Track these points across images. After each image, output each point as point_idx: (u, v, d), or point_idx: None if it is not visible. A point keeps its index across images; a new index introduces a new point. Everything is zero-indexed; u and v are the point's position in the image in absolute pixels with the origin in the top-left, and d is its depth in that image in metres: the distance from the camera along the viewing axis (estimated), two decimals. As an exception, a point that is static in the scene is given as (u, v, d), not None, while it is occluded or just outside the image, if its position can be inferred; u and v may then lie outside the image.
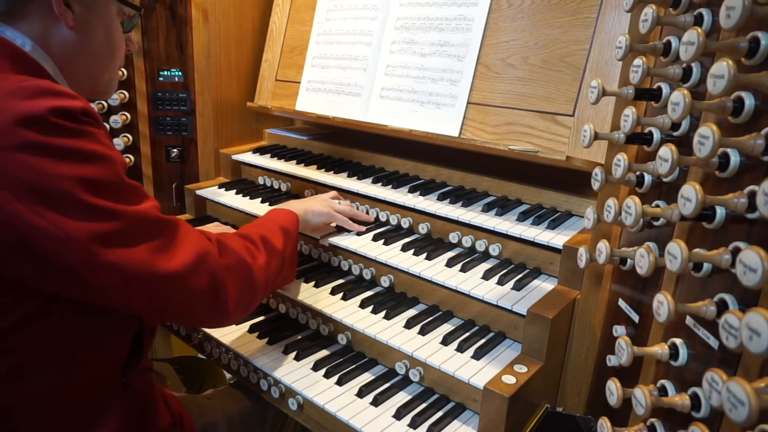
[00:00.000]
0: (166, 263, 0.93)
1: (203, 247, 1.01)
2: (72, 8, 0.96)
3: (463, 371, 1.20)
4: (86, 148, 0.84)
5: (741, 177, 0.74)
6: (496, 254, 1.48)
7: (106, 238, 0.85)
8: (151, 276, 0.90)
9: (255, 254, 1.18)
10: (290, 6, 2.17)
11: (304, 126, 2.45)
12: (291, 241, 1.35)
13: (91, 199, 0.83)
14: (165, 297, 0.95)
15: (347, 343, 1.46)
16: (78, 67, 1.02)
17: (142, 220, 0.91)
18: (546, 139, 1.45)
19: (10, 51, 0.91)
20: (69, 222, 0.81)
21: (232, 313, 1.08)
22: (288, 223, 1.38)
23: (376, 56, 1.85)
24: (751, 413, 0.56)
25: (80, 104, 0.85)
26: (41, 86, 0.82)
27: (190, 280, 0.97)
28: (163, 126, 2.20)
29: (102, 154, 0.86)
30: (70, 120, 0.83)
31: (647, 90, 0.98)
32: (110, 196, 0.86)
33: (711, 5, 0.84)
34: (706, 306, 0.74)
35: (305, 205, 1.53)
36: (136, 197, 0.92)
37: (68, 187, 0.81)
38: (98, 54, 1.04)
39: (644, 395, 0.78)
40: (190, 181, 2.22)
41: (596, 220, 1.06)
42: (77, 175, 0.82)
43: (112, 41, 1.06)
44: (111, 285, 0.87)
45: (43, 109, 0.79)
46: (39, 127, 0.79)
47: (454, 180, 1.73)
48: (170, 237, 0.96)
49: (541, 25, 1.48)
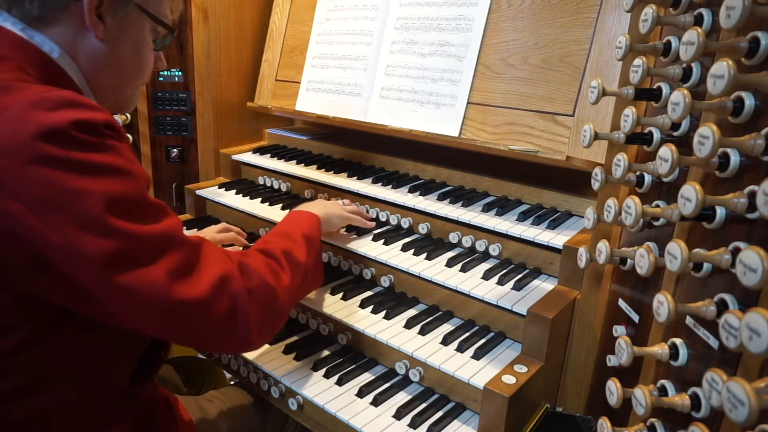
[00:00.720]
0: (185, 289, 0.88)
1: (225, 269, 0.96)
2: (104, 20, 0.94)
3: (463, 371, 1.20)
4: (106, 162, 0.81)
5: (741, 177, 0.74)
6: (496, 254, 1.48)
7: (122, 260, 0.81)
8: (168, 302, 0.86)
9: (279, 274, 1.11)
10: (290, 6, 2.17)
11: (304, 126, 2.45)
12: (314, 249, 1.29)
13: (108, 218, 0.79)
14: (183, 324, 0.90)
15: (347, 343, 1.46)
16: (103, 79, 1.00)
17: (162, 241, 0.87)
18: (546, 139, 1.45)
19: (37, 57, 0.90)
20: (84, 240, 0.78)
21: (255, 339, 1.02)
22: (311, 228, 1.33)
23: (376, 56, 1.85)
24: (751, 413, 0.56)
25: (103, 116, 0.83)
26: (64, 97, 0.80)
27: (210, 306, 0.91)
28: (163, 126, 2.20)
29: (123, 169, 0.83)
30: (91, 133, 0.80)
31: (647, 90, 0.98)
32: (129, 215, 0.82)
33: (711, 5, 0.84)
34: (706, 306, 0.74)
35: (324, 207, 1.47)
36: (157, 215, 0.88)
37: (86, 203, 0.78)
38: (125, 68, 1.02)
39: (644, 395, 0.78)
40: (190, 181, 2.22)
41: (596, 220, 1.06)
42: (95, 190, 0.79)
43: (141, 57, 1.04)
44: (126, 308, 0.84)
45: (64, 122, 0.77)
46: (59, 140, 0.77)
47: (454, 180, 1.73)
48: (191, 259, 0.91)
49: (541, 25, 1.48)
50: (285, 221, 1.36)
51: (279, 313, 1.09)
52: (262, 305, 1.02)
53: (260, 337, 1.03)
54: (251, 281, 1.01)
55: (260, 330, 1.02)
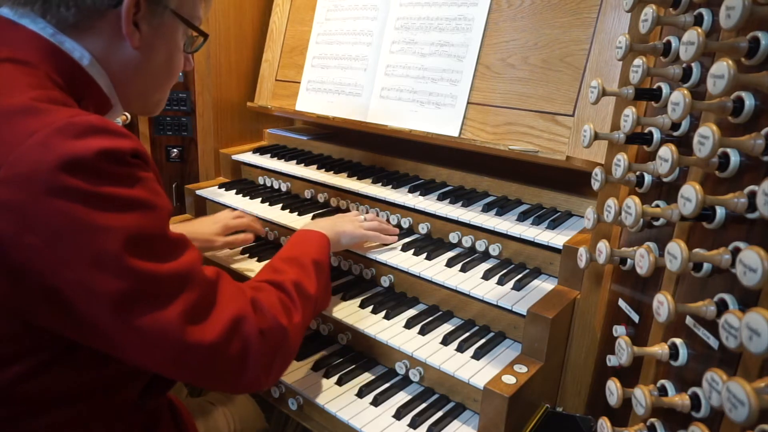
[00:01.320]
0: (199, 332, 0.85)
1: (239, 310, 0.92)
2: (139, 28, 0.92)
3: (463, 371, 1.20)
4: (130, 196, 0.78)
5: (741, 177, 0.74)
6: (496, 254, 1.48)
7: (136, 300, 0.78)
8: (180, 344, 0.83)
9: (291, 312, 1.07)
10: (290, 6, 2.17)
11: (304, 126, 2.45)
12: (323, 276, 1.26)
13: (126, 257, 0.77)
14: (192, 365, 0.87)
15: (347, 342, 1.46)
16: (133, 86, 0.99)
17: (179, 280, 0.84)
18: (546, 139, 1.45)
19: (65, 64, 0.87)
20: (99, 279, 0.75)
21: (264, 380, 0.99)
22: (320, 252, 1.29)
23: (376, 56, 1.85)
24: (751, 413, 0.56)
25: (130, 144, 0.80)
26: (92, 124, 0.77)
27: (222, 350, 0.88)
28: (163, 126, 2.20)
29: (146, 203, 0.80)
30: (118, 164, 0.78)
31: (647, 90, 0.98)
32: (147, 254, 0.80)
33: (711, 5, 0.84)
34: (706, 306, 0.74)
35: (335, 225, 1.44)
36: (175, 252, 0.85)
37: (104, 240, 0.75)
38: (156, 75, 1.01)
39: (644, 395, 0.78)
40: (190, 181, 2.22)
41: (596, 220, 1.06)
42: (116, 226, 0.76)
43: (172, 62, 1.02)
44: (136, 347, 0.82)
45: (90, 152, 0.74)
46: (84, 172, 0.74)
47: (454, 180, 1.73)
48: (206, 298, 0.88)
49: (541, 25, 1.48)
50: (294, 242, 1.32)
51: (289, 352, 1.05)
52: (274, 346, 0.99)
53: (269, 377, 1.00)
54: (265, 321, 0.98)
55: (269, 371, 0.99)
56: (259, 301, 1.00)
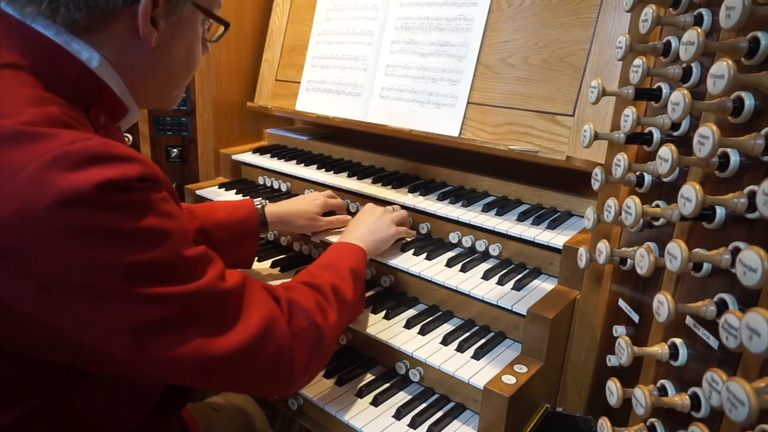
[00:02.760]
0: (225, 342, 0.80)
1: (269, 315, 0.88)
2: (157, 26, 0.85)
3: (463, 371, 1.20)
4: (138, 227, 0.71)
5: (741, 177, 0.74)
6: (496, 254, 1.48)
7: (154, 328, 0.73)
8: (208, 359, 0.79)
9: (327, 312, 1.04)
10: (290, 6, 2.17)
11: (304, 126, 2.45)
12: (360, 284, 1.24)
13: (136, 290, 0.71)
14: (223, 375, 0.84)
15: (347, 342, 1.45)
16: (149, 85, 0.93)
17: (200, 297, 0.79)
18: (546, 139, 1.45)
19: (71, 67, 0.81)
20: (108, 315, 0.70)
21: (300, 381, 0.96)
22: (357, 263, 1.26)
23: (376, 56, 1.85)
24: (751, 413, 0.56)
25: (137, 170, 0.72)
26: (91, 151, 0.69)
27: (253, 356, 0.85)
28: (163, 126, 2.20)
29: (157, 230, 0.74)
30: (124, 192, 0.70)
31: (647, 90, 0.98)
32: (162, 280, 0.74)
33: (711, 5, 0.84)
34: (706, 306, 0.74)
35: (371, 233, 1.40)
36: (195, 271, 0.79)
37: (110, 278, 0.69)
38: (174, 72, 0.95)
39: (644, 395, 0.78)
40: (190, 181, 2.22)
41: (596, 220, 1.06)
42: (123, 262, 0.69)
43: (192, 56, 0.96)
44: (157, 372, 0.78)
45: (90, 185, 0.66)
46: (84, 207, 0.66)
47: (454, 180, 1.73)
48: (232, 310, 0.84)
49: (541, 25, 1.48)
50: (331, 253, 1.29)
51: (324, 351, 1.02)
52: (309, 346, 0.96)
53: (305, 378, 0.98)
54: (299, 321, 0.95)
55: (305, 371, 0.96)
56: (294, 300, 0.98)
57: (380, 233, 1.42)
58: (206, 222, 1.38)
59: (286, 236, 1.79)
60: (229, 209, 1.46)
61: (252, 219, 1.47)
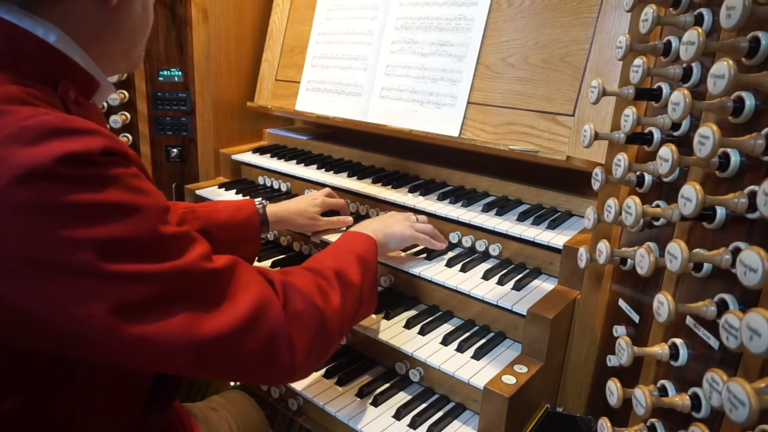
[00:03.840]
0: (214, 324, 0.78)
1: (262, 296, 0.85)
2: None
3: (463, 371, 1.20)
4: (105, 200, 0.69)
5: (741, 177, 0.74)
6: (496, 254, 1.48)
7: (134, 308, 0.71)
8: (196, 343, 0.76)
9: (328, 294, 1.00)
10: (290, 6, 2.17)
11: (304, 126, 2.45)
12: (370, 272, 1.18)
13: (111, 267, 0.68)
14: (215, 361, 0.81)
15: (347, 343, 1.46)
16: (113, 48, 0.89)
17: (183, 277, 0.76)
18: (546, 139, 1.45)
19: (29, 45, 0.77)
20: (85, 296, 0.68)
21: (302, 366, 0.91)
22: (365, 251, 1.21)
23: (376, 56, 1.85)
24: (752, 413, 0.56)
25: (101, 142, 0.69)
26: (50, 124, 0.67)
27: (245, 338, 0.81)
28: (163, 126, 2.20)
29: (127, 205, 0.71)
30: (86, 166, 0.67)
31: (647, 90, 0.98)
32: (138, 257, 0.71)
33: (711, 5, 0.84)
34: (707, 306, 0.73)
35: (385, 227, 1.36)
36: (177, 248, 0.77)
37: (81, 256, 0.66)
38: (135, 29, 0.91)
39: (644, 395, 0.78)
40: (189, 181, 2.22)
41: (596, 220, 1.06)
42: (93, 237, 0.67)
43: (147, 9, 0.93)
44: (145, 356, 0.75)
45: (50, 159, 0.64)
46: (44, 182, 0.64)
47: (454, 180, 1.73)
48: (220, 290, 0.81)
49: (541, 24, 1.48)
50: (339, 240, 1.25)
51: (328, 338, 0.98)
52: (309, 330, 0.92)
53: (307, 365, 0.93)
54: (296, 304, 0.91)
55: (307, 357, 0.91)
56: (290, 283, 0.95)
57: (394, 229, 1.39)
58: (209, 222, 1.39)
59: (286, 236, 1.79)
60: (230, 209, 1.46)
61: (253, 220, 1.47)
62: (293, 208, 1.57)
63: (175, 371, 0.82)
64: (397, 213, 1.51)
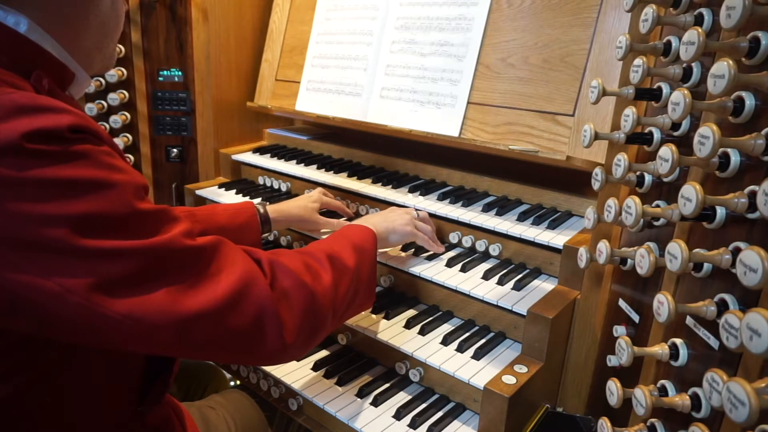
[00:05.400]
0: (196, 300, 0.77)
1: (247, 273, 0.85)
2: None
3: (463, 371, 1.20)
4: (75, 176, 0.68)
5: (741, 177, 0.74)
6: (496, 254, 1.48)
7: (113, 285, 0.70)
8: (179, 319, 0.75)
9: (318, 273, 0.99)
10: (290, 6, 2.17)
11: (304, 126, 2.45)
12: (367, 260, 1.17)
13: (87, 243, 0.68)
14: (201, 340, 0.80)
15: (347, 343, 1.46)
16: (87, 42, 0.89)
17: (163, 254, 0.75)
18: (546, 139, 1.45)
19: (1, 36, 0.77)
20: (62, 273, 0.67)
21: (291, 345, 0.90)
22: (362, 239, 1.20)
23: (376, 56, 1.85)
24: (752, 413, 0.56)
25: (69, 119, 0.69)
26: (17, 102, 0.67)
27: (228, 316, 0.81)
28: (163, 126, 2.20)
29: (99, 181, 0.71)
30: (53, 143, 0.67)
31: (647, 90, 0.98)
32: (115, 233, 0.71)
33: (711, 5, 0.84)
34: (707, 306, 0.74)
35: (385, 221, 1.36)
36: (155, 225, 0.76)
37: (55, 232, 0.66)
38: (104, 22, 0.91)
39: (644, 395, 0.78)
40: (189, 181, 2.22)
41: (596, 220, 1.06)
42: (66, 213, 0.67)
43: (117, 5, 0.94)
44: (127, 334, 0.74)
45: (16, 135, 0.64)
46: (11, 158, 0.64)
47: (454, 180, 1.73)
48: (202, 267, 0.81)
49: (542, 24, 1.48)
50: (335, 233, 1.24)
51: (319, 317, 0.97)
52: (297, 308, 0.92)
53: (298, 343, 0.92)
54: (283, 281, 0.91)
55: (296, 335, 0.90)
56: (277, 261, 0.94)
57: (395, 223, 1.38)
58: (208, 226, 1.39)
59: (286, 236, 1.79)
60: (230, 212, 1.47)
61: (253, 222, 1.48)
62: (293, 204, 1.61)
63: (160, 351, 0.82)
64: (398, 207, 1.52)
